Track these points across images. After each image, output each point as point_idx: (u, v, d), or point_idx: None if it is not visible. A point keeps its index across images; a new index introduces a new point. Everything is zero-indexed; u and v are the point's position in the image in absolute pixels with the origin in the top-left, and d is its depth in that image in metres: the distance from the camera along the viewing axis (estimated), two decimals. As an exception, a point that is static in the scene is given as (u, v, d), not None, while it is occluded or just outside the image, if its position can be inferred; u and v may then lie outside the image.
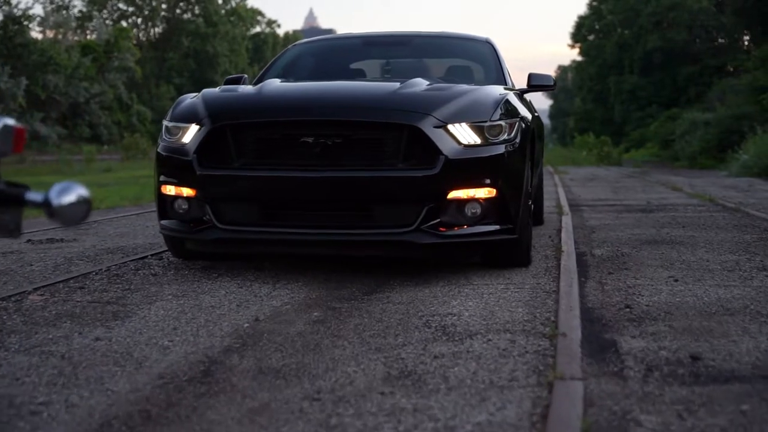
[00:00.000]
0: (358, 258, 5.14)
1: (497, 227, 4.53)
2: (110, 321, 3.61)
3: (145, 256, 5.50)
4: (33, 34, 48.58)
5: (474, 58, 6.40)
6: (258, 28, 76.84)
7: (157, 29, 66.87)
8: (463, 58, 6.52)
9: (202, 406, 2.49)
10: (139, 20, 66.22)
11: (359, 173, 4.37)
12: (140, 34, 65.59)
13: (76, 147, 39.84)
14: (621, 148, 41.05)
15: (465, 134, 4.43)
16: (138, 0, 64.60)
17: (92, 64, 49.76)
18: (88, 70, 48.71)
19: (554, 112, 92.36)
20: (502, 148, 4.53)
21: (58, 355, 3.04)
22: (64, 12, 55.35)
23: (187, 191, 4.65)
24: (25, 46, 44.50)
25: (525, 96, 5.91)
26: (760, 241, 6.01)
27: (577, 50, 61.61)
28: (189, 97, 5.05)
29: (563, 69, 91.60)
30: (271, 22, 79.13)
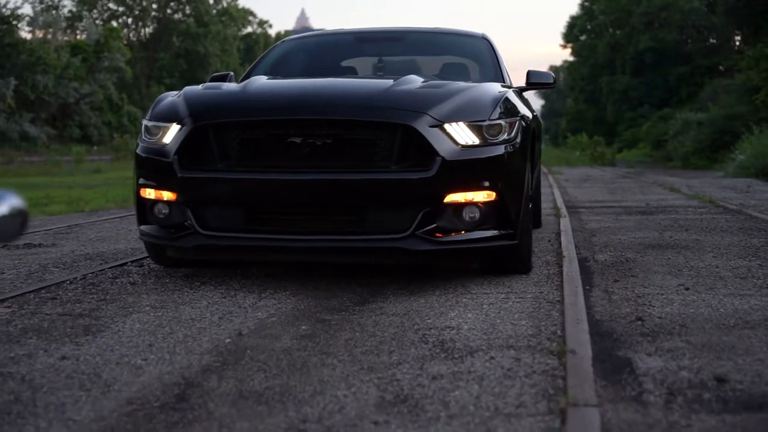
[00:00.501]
0: (349, 265, 4.87)
1: (497, 232, 4.28)
2: (80, 336, 3.33)
3: (125, 263, 5.22)
4: (22, 34, 48.17)
5: (470, 54, 6.14)
6: (249, 29, 76.56)
7: (147, 29, 66.45)
8: (459, 55, 6.25)
9: (173, 438, 2.22)
10: (130, 20, 65.77)
11: (350, 176, 4.11)
12: (131, 34, 65.16)
13: (65, 148, 39.46)
14: (614, 148, 40.84)
15: (462, 134, 4.17)
16: (128, 0, 64.15)
17: (82, 65, 49.32)
18: (78, 71, 48.28)
19: (546, 113, 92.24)
20: (501, 149, 4.27)
21: (18, 378, 2.76)
22: (53, 12, 54.92)
23: (167, 195, 4.38)
24: (14, 46, 44.02)
25: (523, 94, 5.65)
26: (769, 246, 5.76)
27: (569, 50, 61.55)
28: (170, 95, 4.78)
29: (555, 69, 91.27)
30: (262, 23, 78.91)
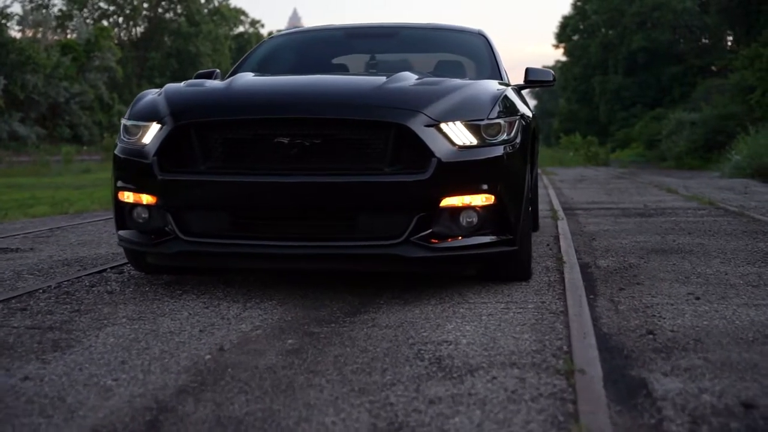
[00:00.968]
0: (339, 272, 4.63)
1: (495, 238, 4.04)
2: (48, 353, 3.08)
3: (104, 270, 4.97)
4: (11, 33, 47.78)
5: (466, 51, 5.89)
6: (241, 28, 76.19)
7: (138, 28, 66.05)
8: (455, 52, 6.01)
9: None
10: (121, 19, 65.36)
11: (341, 178, 3.86)
12: (121, 34, 64.78)
13: (55, 148, 39.10)
14: (608, 148, 40.73)
15: (459, 134, 3.93)
16: (119, -1, 63.83)
17: (72, 64, 48.94)
18: (68, 70, 47.91)
19: (538, 113, 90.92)
20: (500, 150, 4.03)
21: (-27, 402, 2.52)
22: (43, 11, 54.54)
23: (146, 198, 4.13)
24: (3, 45, 43.64)
25: (522, 92, 5.42)
26: (776, 250, 5.54)
27: (561, 50, 61.37)
28: (151, 93, 4.53)
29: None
30: (254, 22, 78.53)
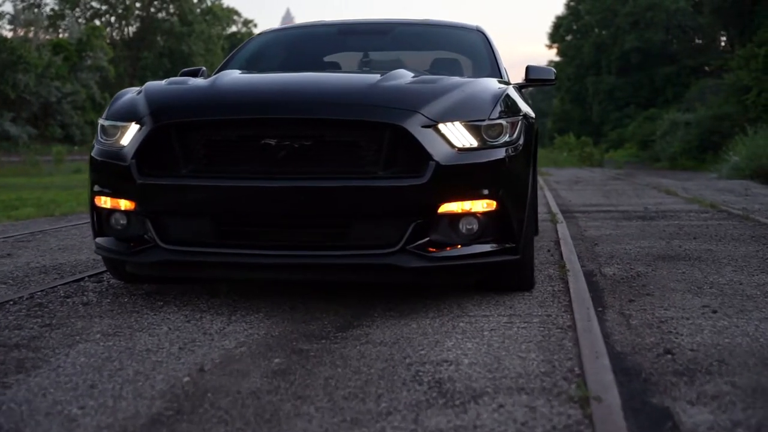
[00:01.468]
0: (330, 282, 4.36)
1: (497, 246, 3.78)
2: (11, 375, 2.81)
3: (82, 278, 4.69)
4: (3, 32, 47.47)
5: (464, 48, 5.62)
6: (234, 28, 75.76)
7: (131, 28, 65.67)
8: (452, 49, 5.74)
9: None
10: (113, 19, 64.98)
11: (332, 183, 3.59)
12: (114, 33, 64.39)
13: (46, 148, 38.72)
14: (602, 148, 40.55)
15: (459, 135, 3.67)
16: (111, -2, 63.44)
17: (64, 63, 48.59)
18: (60, 69, 47.55)
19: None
20: (502, 152, 3.77)
21: None
22: (35, 10, 54.24)
23: (125, 204, 3.86)
24: (-6, 45, 43.34)
25: (522, 91, 5.17)
26: (788, 257, 5.30)
27: (554, 51, 61.19)
28: (130, 91, 4.26)
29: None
30: (247, 22, 78.06)
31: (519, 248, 3.86)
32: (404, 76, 4.12)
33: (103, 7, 64.17)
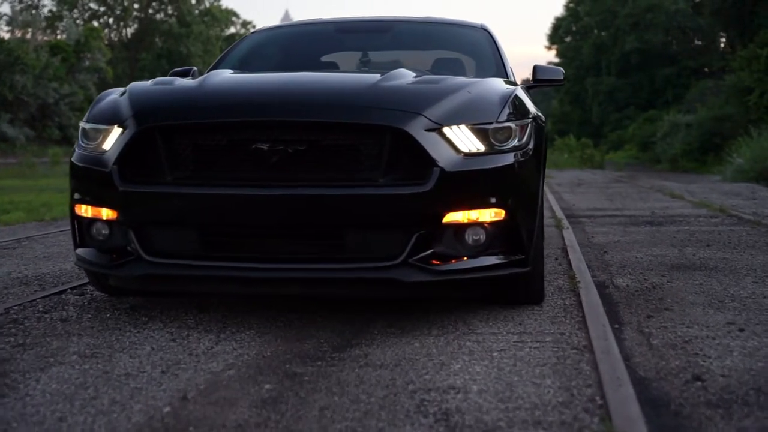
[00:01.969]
0: (327, 297, 4.08)
1: (505, 258, 3.52)
2: (-28, 405, 2.55)
3: (64, 290, 4.43)
4: (0, 33, 47.21)
5: (468, 47, 5.36)
6: (233, 29, 75.46)
7: (129, 29, 65.44)
8: (455, 48, 5.47)
9: None
10: (111, 20, 64.72)
11: (329, 190, 3.33)
12: (112, 34, 64.14)
13: (44, 149, 38.46)
14: (603, 150, 40.31)
15: (465, 139, 3.41)
16: (109, 0, 63.13)
17: (62, 65, 48.31)
18: (58, 71, 47.27)
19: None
20: (511, 158, 3.51)
21: None
22: (32, 11, 53.96)
23: (106, 213, 3.60)
24: (-8, 46, 43.10)
25: (530, 92, 4.90)
26: (809, 266, 5.04)
27: (554, 52, 60.94)
28: (114, 92, 4.00)
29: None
30: (246, 23, 77.73)
31: (529, 260, 3.60)
32: (406, 76, 3.85)
33: (101, 9, 63.93)
